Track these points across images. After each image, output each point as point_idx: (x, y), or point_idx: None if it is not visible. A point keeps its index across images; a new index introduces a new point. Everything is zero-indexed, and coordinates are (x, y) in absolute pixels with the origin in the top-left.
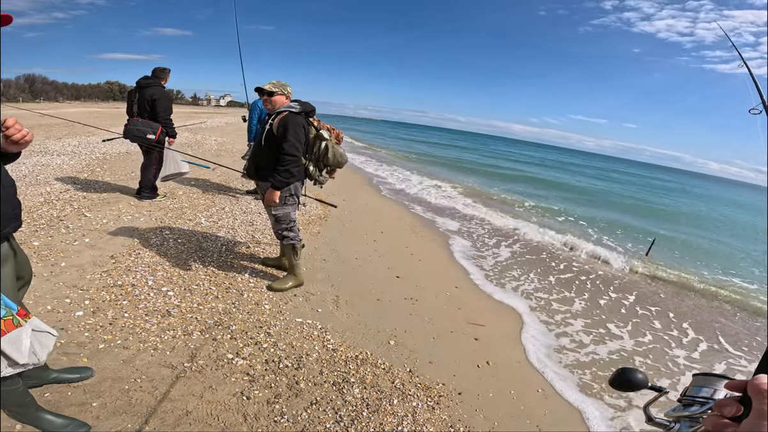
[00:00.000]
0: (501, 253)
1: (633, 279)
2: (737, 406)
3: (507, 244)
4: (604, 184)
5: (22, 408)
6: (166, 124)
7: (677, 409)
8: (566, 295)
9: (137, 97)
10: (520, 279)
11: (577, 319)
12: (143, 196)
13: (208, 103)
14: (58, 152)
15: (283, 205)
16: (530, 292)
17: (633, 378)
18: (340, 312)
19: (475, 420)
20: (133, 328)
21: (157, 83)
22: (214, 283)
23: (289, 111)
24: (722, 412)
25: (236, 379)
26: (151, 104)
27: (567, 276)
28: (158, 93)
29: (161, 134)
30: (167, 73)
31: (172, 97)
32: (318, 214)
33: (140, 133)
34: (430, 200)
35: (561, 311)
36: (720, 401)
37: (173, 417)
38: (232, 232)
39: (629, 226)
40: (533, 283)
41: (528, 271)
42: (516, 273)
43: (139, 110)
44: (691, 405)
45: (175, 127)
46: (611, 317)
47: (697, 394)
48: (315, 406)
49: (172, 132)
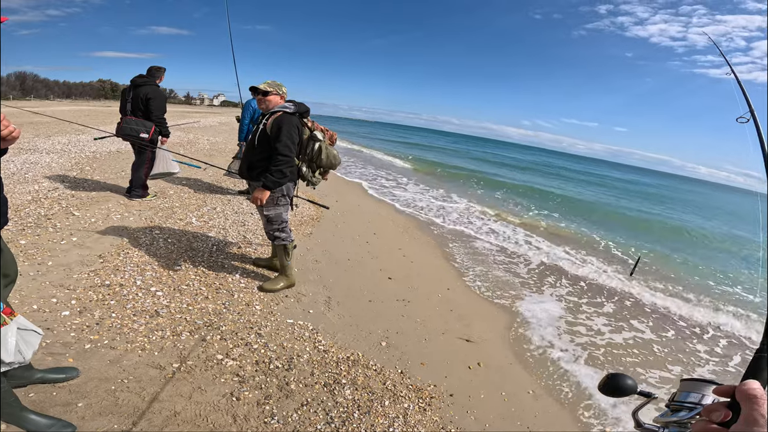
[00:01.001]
0: (496, 256)
1: (612, 285)
2: (726, 411)
3: (505, 249)
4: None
5: (7, 408)
6: (160, 123)
7: (666, 415)
8: (567, 297)
9: (131, 96)
10: (516, 281)
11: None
12: (133, 195)
13: (201, 102)
14: (47, 150)
15: (275, 206)
16: (525, 294)
17: (622, 384)
18: (332, 313)
19: (466, 421)
20: (121, 328)
21: (152, 82)
22: (204, 283)
23: (283, 111)
24: (711, 418)
25: (226, 380)
26: (145, 103)
27: (568, 277)
28: (153, 92)
29: (154, 133)
30: (162, 72)
31: (167, 96)
32: (310, 215)
33: (133, 131)
34: (425, 204)
35: (560, 312)
36: (708, 406)
37: (161, 418)
38: (224, 232)
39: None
40: (527, 286)
41: (520, 273)
42: (512, 275)
43: (132, 109)
44: (679, 410)
45: (168, 126)
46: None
47: (686, 400)
48: (306, 408)
49: (165, 131)
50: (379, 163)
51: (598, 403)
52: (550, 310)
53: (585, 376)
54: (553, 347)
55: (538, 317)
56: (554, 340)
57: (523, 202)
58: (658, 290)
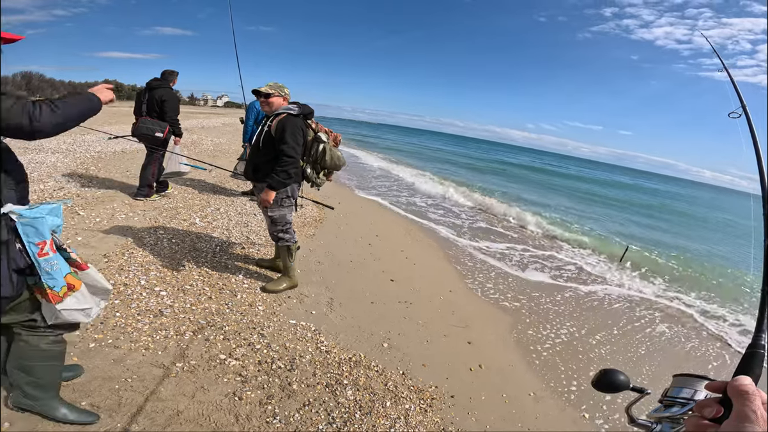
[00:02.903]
0: (496, 257)
1: (609, 290)
2: (717, 407)
3: (505, 250)
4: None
5: (44, 391)
6: (173, 124)
7: (658, 410)
8: (569, 299)
9: (147, 98)
10: (518, 284)
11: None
12: (138, 194)
13: (205, 103)
14: (52, 150)
15: (279, 207)
16: (527, 297)
17: (615, 379)
18: (334, 314)
19: (467, 423)
20: (125, 327)
21: (166, 85)
22: (207, 283)
23: (287, 113)
24: (702, 414)
25: (228, 380)
26: (159, 105)
27: (568, 279)
28: (167, 94)
29: (168, 133)
30: (175, 76)
31: (180, 98)
32: (313, 216)
33: (149, 131)
34: (427, 206)
35: (562, 313)
36: (700, 402)
37: (164, 417)
38: (227, 233)
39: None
40: (530, 289)
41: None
42: (509, 279)
43: (148, 110)
44: (672, 406)
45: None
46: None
47: (678, 395)
48: (307, 408)
49: (178, 131)
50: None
51: (599, 405)
52: (552, 312)
53: (586, 377)
54: (554, 349)
55: (539, 320)
56: (556, 342)
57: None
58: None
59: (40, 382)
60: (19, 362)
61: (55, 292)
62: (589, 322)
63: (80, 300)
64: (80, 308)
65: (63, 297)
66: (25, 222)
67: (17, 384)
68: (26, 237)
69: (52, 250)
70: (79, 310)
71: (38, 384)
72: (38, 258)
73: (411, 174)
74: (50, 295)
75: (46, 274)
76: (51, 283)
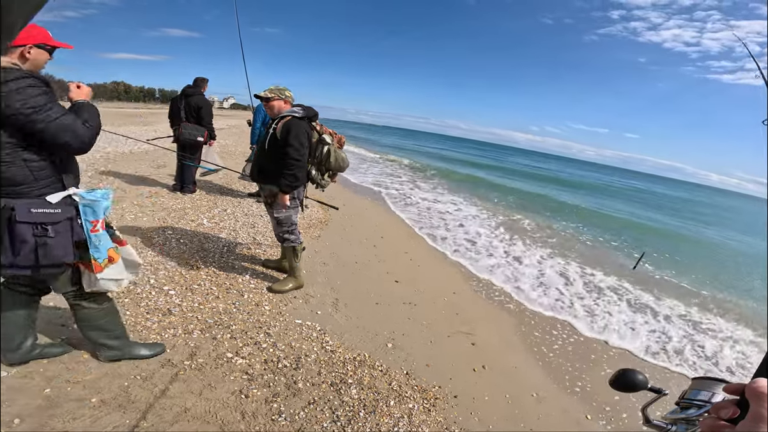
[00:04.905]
0: (500, 262)
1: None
2: (734, 409)
3: (509, 254)
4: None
5: (121, 339)
6: (210, 129)
7: (675, 412)
8: (572, 301)
9: (183, 104)
10: (521, 287)
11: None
12: (185, 191)
13: (212, 105)
14: None
15: (285, 208)
16: (531, 299)
17: (634, 379)
18: (339, 314)
19: (470, 422)
20: (135, 325)
21: (199, 92)
22: (215, 283)
23: (292, 116)
24: (719, 414)
25: (235, 378)
26: (196, 111)
27: (568, 282)
28: (202, 101)
29: (207, 137)
30: (206, 83)
31: (212, 104)
32: (319, 218)
33: (192, 136)
34: (431, 208)
35: (565, 316)
36: (717, 404)
37: (171, 414)
38: (234, 234)
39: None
40: (534, 292)
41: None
42: (517, 281)
43: (186, 116)
44: (688, 408)
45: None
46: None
47: (695, 397)
48: (312, 406)
49: (213, 135)
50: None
51: (602, 407)
52: (555, 314)
53: (591, 379)
54: (558, 351)
55: (542, 321)
56: (560, 344)
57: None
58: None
59: (116, 332)
60: (92, 324)
61: (98, 263)
62: (594, 322)
63: (116, 271)
64: (114, 278)
65: (103, 267)
66: (86, 203)
67: (100, 342)
68: (84, 216)
69: (102, 227)
70: (113, 280)
71: (115, 335)
72: (90, 233)
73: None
74: (94, 264)
75: (94, 247)
76: (96, 255)
